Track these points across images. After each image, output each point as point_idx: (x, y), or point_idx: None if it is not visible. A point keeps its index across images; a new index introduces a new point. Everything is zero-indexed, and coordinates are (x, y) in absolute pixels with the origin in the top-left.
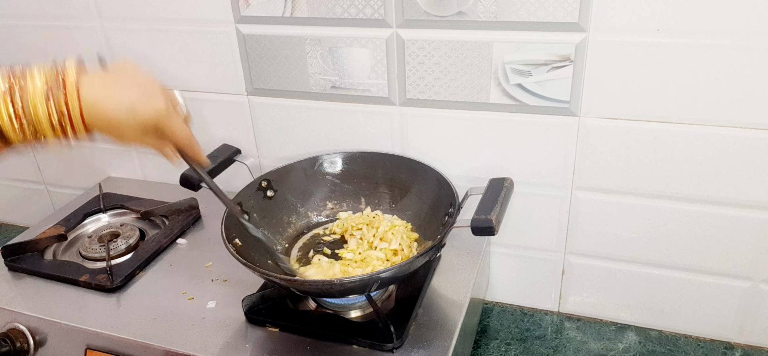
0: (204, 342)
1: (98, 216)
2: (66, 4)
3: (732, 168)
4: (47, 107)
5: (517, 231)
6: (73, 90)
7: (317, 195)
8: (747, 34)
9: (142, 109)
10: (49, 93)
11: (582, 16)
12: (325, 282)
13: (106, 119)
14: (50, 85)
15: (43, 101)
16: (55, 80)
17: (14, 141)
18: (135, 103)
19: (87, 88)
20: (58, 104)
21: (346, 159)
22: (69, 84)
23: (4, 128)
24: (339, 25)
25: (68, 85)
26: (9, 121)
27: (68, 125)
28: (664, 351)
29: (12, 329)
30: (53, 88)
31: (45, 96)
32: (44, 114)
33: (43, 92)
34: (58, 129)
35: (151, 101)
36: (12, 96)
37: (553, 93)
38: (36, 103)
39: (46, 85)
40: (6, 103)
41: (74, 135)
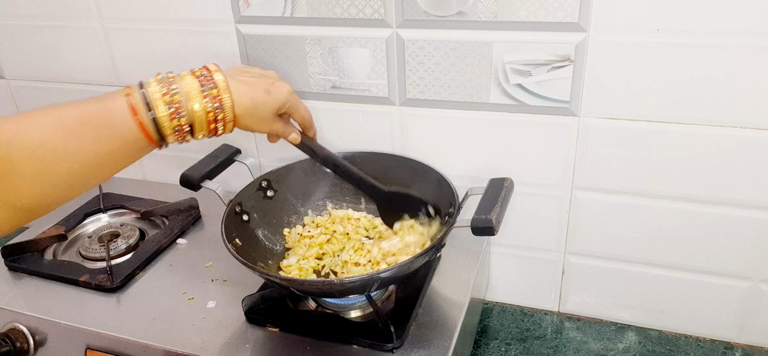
0: (204, 342)
1: (98, 216)
2: (66, 4)
3: (732, 168)
4: (203, 102)
5: (517, 231)
6: (224, 86)
7: (317, 195)
8: (747, 34)
9: (276, 91)
10: (203, 89)
11: (582, 16)
12: (325, 282)
13: (251, 106)
14: (202, 82)
15: (200, 97)
16: (204, 78)
17: (168, 139)
18: (269, 88)
19: (232, 81)
20: (213, 98)
21: (346, 159)
22: (219, 81)
23: (163, 125)
24: (339, 25)
25: (219, 82)
26: (168, 118)
27: (222, 117)
28: (664, 351)
29: (12, 329)
30: (205, 85)
31: (200, 92)
32: (201, 109)
33: (197, 88)
34: (213, 123)
35: (280, 86)
36: (171, 93)
37: (553, 93)
38: (192, 99)
39: (199, 83)
40: (165, 100)
41: (224, 128)
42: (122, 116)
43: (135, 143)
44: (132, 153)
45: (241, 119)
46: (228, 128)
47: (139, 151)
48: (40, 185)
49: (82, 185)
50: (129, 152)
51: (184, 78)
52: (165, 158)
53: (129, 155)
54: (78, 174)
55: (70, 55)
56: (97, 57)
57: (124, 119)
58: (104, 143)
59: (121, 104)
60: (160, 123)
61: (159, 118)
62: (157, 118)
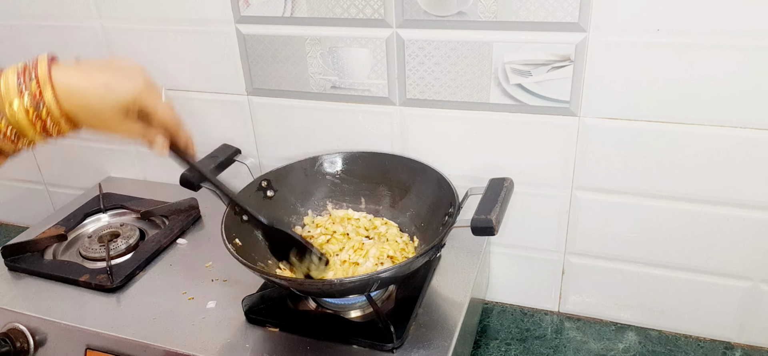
0: (204, 342)
1: (98, 216)
2: (66, 4)
3: (732, 168)
4: (21, 100)
5: (517, 231)
6: (45, 76)
7: (317, 195)
8: (747, 34)
9: (121, 87)
10: (22, 87)
11: (582, 16)
12: (325, 281)
13: (84, 101)
14: (22, 79)
15: (18, 96)
16: (26, 74)
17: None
18: (110, 81)
19: (59, 73)
20: (31, 95)
21: (346, 159)
22: (41, 72)
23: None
24: (339, 25)
25: (40, 73)
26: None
27: (46, 114)
28: (664, 351)
29: (12, 329)
30: (25, 80)
31: (18, 91)
32: (20, 109)
33: (15, 87)
34: (38, 124)
35: (127, 79)
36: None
37: (553, 93)
38: (11, 99)
39: (18, 80)
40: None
41: (55, 127)
42: None
43: None
44: None
45: (77, 118)
46: (64, 129)
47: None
48: None
49: None
50: None
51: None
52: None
53: None
54: None
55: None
56: (97, 57)
57: None
58: None
59: None
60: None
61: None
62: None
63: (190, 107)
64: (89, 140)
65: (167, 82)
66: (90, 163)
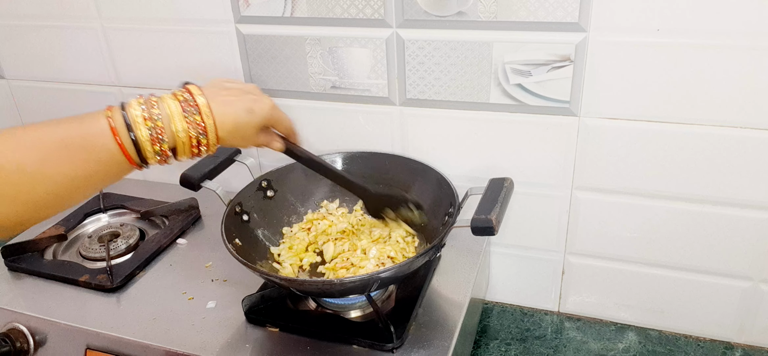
0: (204, 342)
1: (98, 216)
2: (66, 4)
3: (732, 168)
4: (186, 126)
5: (517, 231)
6: (207, 110)
7: (317, 195)
8: (747, 34)
9: (258, 109)
10: (185, 114)
11: (582, 16)
12: (325, 281)
13: (234, 128)
14: (184, 107)
15: (182, 122)
16: (186, 103)
17: (150, 161)
18: (251, 106)
19: (214, 104)
20: (194, 124)
21: (346, 159)
22: (202, 104)
23: (144, 147)
24: (339, 25)
25: (201, 106)
26: (149, 141)
27: (204, 139)
28: (664, 351)
29: (12, 329)
30: (187, 109)
31: (182, 117)
32: (184, 133)
33: (179, 113)
34: (195, 147)
35: (261, 101)
36: (153, 116)
37: (553, 93)
38: (174, 123)
39: (181, 107)
40: (147, 122)
41: (207, 150)
42: (102, 138)
43: (115, 165)
44: (111, 175)
45: (224, 140)
46: (211, 150)
47: (119, 173)
48: (17, 206)
49: (59, 206)
50: (108, 174)
51: (165, 101)
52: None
53: (108, 177)
54: (55, 196)
55: (70, 55)
56: (97, 57)
57: (105, 140)
58: (83, 166)
59: (102, 125)
60: (142, 146)
61: (140, 140)
62: (138, 140)
63: None
64: None
65: (167, 82)
66: None
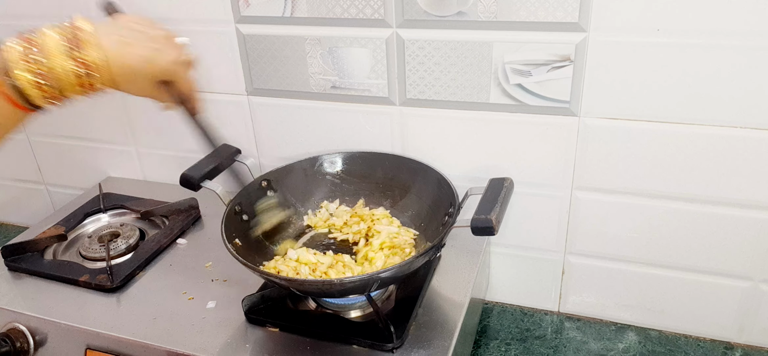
0: (204, 342)
1: (98, 216)
2: (66, 4)
3: (732, 168)
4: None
5: (517, 231)
6: (95, 43)
7: (317, 195)
8: (747, 34)
9: (158, 59)
10: (70, 48)
11: (582, 16)
12: (325, 281)
13: (128, 71)
14: (69, 41)
15: (65, 58)
16: (71, 37)
17: (39, 103)
18: (150, 55)
19: (105, 41)
20: (81, 61)
21: (346, 159)
22: (87, 39)
23: (27, 92)
24: (339, 25)
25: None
26: (33, 84)
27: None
28: (664, 351)
29: (12, 329)
30: (72, 43)
31: (66, 53)
32: (66, 71)
33: (62, 49)
34: (85, 86)
35: (166, 53)
36: (32, 57)
37: (553, 93)
38: (57, 61)
39: (65, 42)
40: (27, 64)
41: (100, 89)
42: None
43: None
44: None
45: (118, 84)
46: (105, 88)
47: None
48: None
49: None
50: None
51: (46, 37)
52: (165, 158)
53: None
54: None
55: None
56: None
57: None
58: None
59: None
60: (24, 90)
61: (22, 84)
62: (19, 85)
63: None
64: (89, 140)
65: None
66: (90, 163)
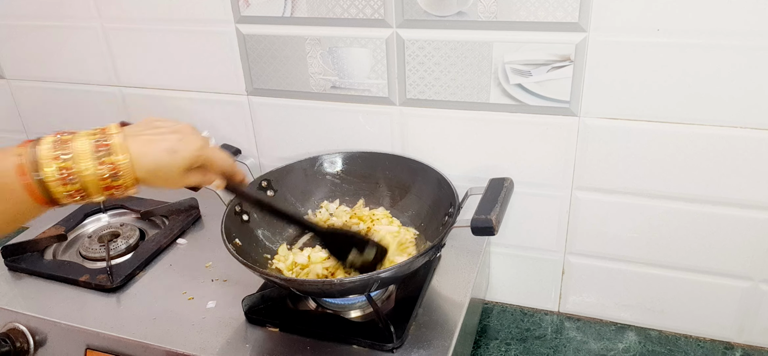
0: (204, 342)
1: (98, 216)
2: (66, 4)
3: (732, 168)
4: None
5: (517, 231)
6: (122, 146)
7: (317, 195)
8: (747, 34)
9: (182, 148)
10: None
11: (582, 16)
12: (325, 282)
13: (154, 168)
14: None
15: (92, 161)
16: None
17: (61, 201)
18: (174, 146)
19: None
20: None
21: (346, 159)
22: (115, 143)
23: (52, 188)
24: (339, 25)
25: (114, 144)
26: (58, 181)
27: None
28: (664, 351)
29: (12, 329)
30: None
31: (93, 156)
32: (93, 174)
33: (90, 152)
34: (109, 188)
35: (189, 142)
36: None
37: (553, 93)
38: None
39: (93, 146)
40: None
41: (125, 190)
42: (9, 178)
43: (24, 204)
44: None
45: (145, 180)
46: (130, 190)
47: (30, 211)
48: None
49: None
50: (19, 212)
51: (77, 139)
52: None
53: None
54: None
55: (70, 55)
56: (97, 57)
57: (10, 180)
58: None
59: (10, 164)
60: (49, 186)
61: (47, 180)
62: (44, 180)
63: (191, 107)
64: None
65: (167, 82)
66: None
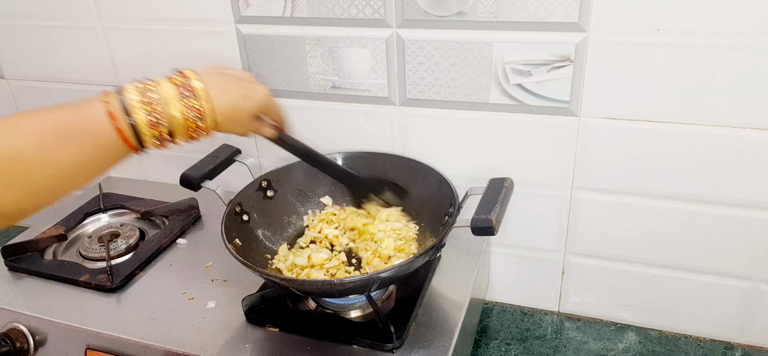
0: (204, 342)
1: (98, 216)
2: (66, 4)
3: (732, 168)
4: (183, 109)
5: (517, 231)
6: (204, 94)
7: (317, 195)
8: (747, 34)
9: (254, 95)
10: (182, 97)
11: (582, 16)
12: (325, 282)
13: (231, 113)
14: (181, 91)
15: (179, 105)
16: (183, 86)
17: (147, 145)
18: (247, 92)
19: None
20: (191, 108)
21: (346, 159)
22: (198, 88)
23: (142, 131)
24: (339, 25)
25: (197, 90)
26: (148, 124)
27: (202, 125)
28: (664, 351)
29: (12, 329)
30: (184, 93)
31: (179, 100)
32: (181, 116)
33: (176, 96)
34: (193, 130)
35: (257, 88)
36: (149, 100)
37: (553, 93)
38: (171, 106)
39: (178, 91)
40: (144, 106)
41: (204, 133)
42: (100, 123)
43: (113, 149)
44: (110, 159)
45: (221, 125)
46: (208, 133)
47: (116, 157)
48: (17, 192)
49: (60, 192)
50: (107, 158)
51: (161, 84)
52: (165, 158)
53: (107, 162)
54: (55, 181)
55: (70, 55)
56: (97, 57)
57: (103, 126)
58: (81, 151)
59: (99, 110)
60: (140, 130)
61: (138, 123)
62: (136, 124)
63: None
64: None
65: None
66: None
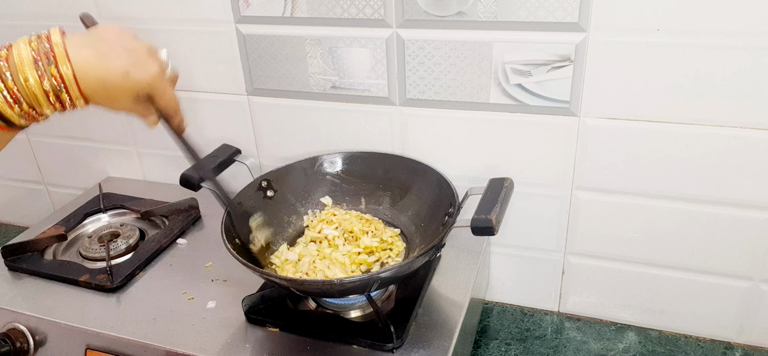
0: (204, 342)
1: (98, 216)
2: (66, 4)
3: (732, 168)
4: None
5: (517, 231)
6: (64, 58)
7: (317, 195)
8: (747, 34)
9: (136, 74)
10: (37, 63)
11: (582, 16)
12: (325, 282)
13: (100, 85)
14: (36, 56)
15: (32, 71)
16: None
17: (18, 123)
18: (127, 69)
19: (77, 54)
20: (49, 76)
21: (346, 159)
22: (58, 54)
23: (4, 113)
24: (339, 25)
25: (57, 54)
26: (5, 103)
27: (63, 94)
28: (664, 351)
29: (12, 329)
30: (40, 58)
31: (33, 66)
32: (36, 87)
33: (30, 62)
34: (56, 102)
35: (145, 67)
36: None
37: (553, 93)
38: (24, 73)
39: (33, 56)
40: None
41: (72, 105)
42: None
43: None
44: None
45: (90, 98)
46: (79, 104)
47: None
48: None
49: None
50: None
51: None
52: (165, 158)
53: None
54: None
55: None
56: None
57: None
58: None
59: None
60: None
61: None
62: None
63: (190, 107)
64: (89, 140)
65: None
66: (90, 163)
